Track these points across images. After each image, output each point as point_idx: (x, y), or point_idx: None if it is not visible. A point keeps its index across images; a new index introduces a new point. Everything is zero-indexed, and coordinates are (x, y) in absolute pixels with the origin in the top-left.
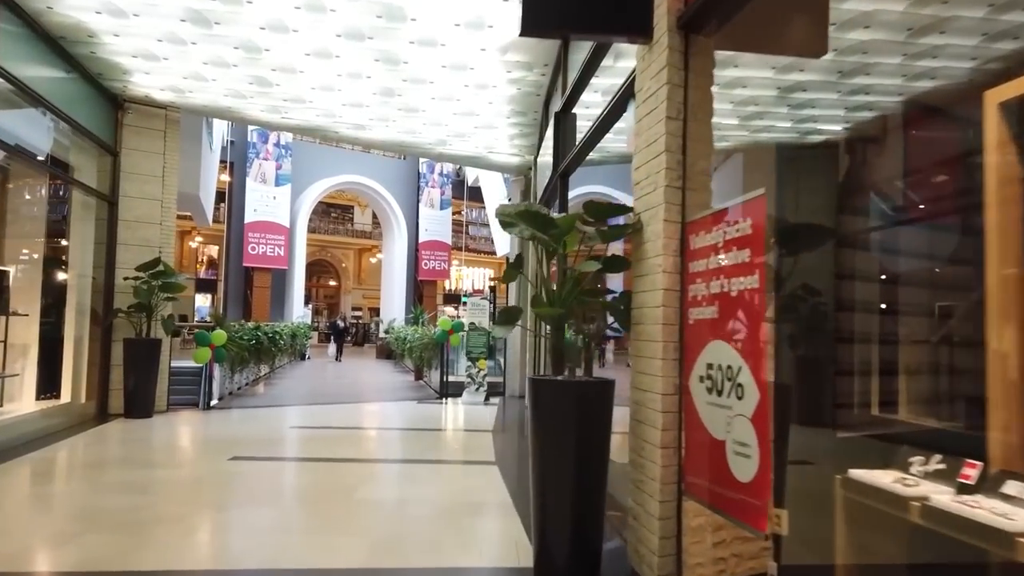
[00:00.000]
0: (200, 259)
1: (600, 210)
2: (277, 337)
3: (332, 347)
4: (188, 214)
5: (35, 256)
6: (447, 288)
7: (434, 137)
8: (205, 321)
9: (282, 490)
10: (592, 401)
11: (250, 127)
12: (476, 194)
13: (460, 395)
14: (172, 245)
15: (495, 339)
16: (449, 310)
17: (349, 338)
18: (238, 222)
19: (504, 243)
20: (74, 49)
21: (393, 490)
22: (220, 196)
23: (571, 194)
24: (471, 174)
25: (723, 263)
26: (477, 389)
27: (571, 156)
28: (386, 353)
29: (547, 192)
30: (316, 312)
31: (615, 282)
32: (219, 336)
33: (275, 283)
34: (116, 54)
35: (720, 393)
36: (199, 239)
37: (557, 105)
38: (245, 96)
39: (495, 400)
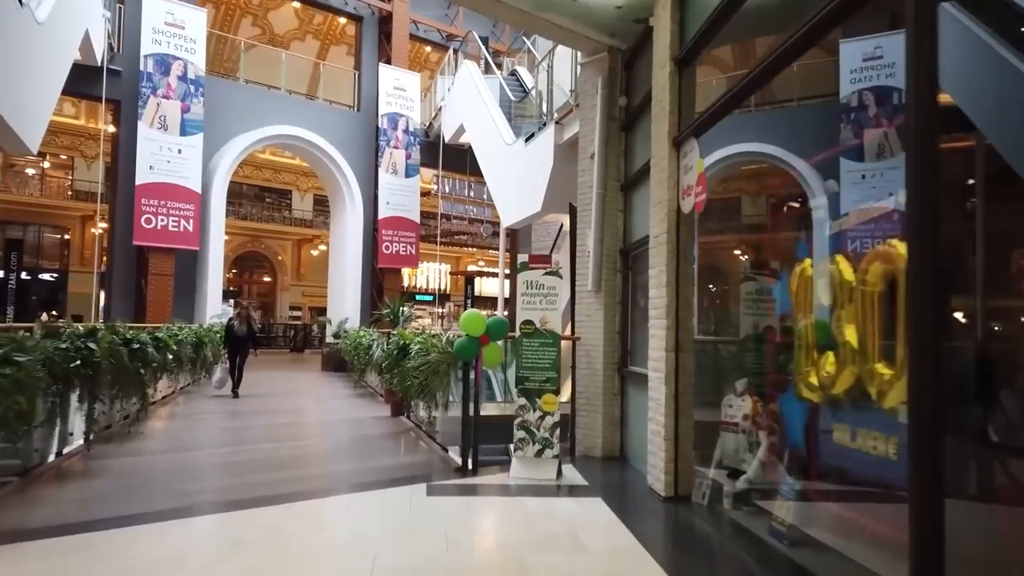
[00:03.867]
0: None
1: None
2: (159, 348)
3: (219, 371)
4: None
5: None
6: (402, 285)
7: None
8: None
9: None
10: None
11: (143, 52)
12: (453, 161)
13: (507, 465)
14: None
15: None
16: (404, 310)
17: (285, 347)
18: (127, 184)
19: (516, 209)
20: None
21: None
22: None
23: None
24: (449, 127)
25: None
26: (540, 453)
27: None
28: (336, 363)
29: None
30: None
31: None
32: None
33: (182, 270)
34: None
35: None
36: (103, 225)
37: None
38: None
39: (566, 472)
